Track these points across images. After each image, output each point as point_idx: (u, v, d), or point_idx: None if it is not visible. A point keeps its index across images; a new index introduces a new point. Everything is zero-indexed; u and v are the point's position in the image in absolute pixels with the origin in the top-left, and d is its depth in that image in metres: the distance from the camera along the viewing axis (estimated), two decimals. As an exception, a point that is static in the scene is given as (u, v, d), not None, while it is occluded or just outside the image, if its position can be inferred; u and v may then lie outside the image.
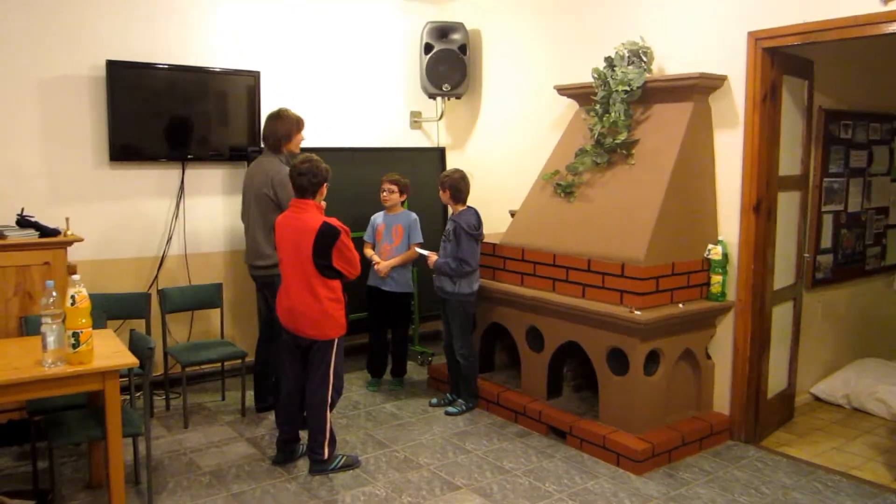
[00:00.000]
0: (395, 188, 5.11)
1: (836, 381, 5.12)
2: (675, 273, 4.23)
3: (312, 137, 5.24)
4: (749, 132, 4.26)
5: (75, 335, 3.17)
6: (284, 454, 4.06)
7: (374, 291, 5.16)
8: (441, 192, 4.74)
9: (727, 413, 4.42)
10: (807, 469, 4.06)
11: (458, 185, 4.70)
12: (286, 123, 4.53)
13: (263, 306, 4.71)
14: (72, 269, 4.36)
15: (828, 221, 5.12)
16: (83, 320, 3.18)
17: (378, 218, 5.23)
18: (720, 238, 4.38)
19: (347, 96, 5.94)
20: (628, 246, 4.17)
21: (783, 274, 4.53)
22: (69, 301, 3.14)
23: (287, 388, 4.00)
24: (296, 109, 4.75)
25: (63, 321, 3.18)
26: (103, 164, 4.90)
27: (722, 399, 4.44)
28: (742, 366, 4.36)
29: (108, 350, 3.40)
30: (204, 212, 5.30)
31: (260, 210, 4.49)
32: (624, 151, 4.49)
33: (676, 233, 4.25)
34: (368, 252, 5.16)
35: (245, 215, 4.67)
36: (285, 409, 4.02)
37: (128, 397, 3.93)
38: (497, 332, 5.05)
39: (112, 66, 4.78)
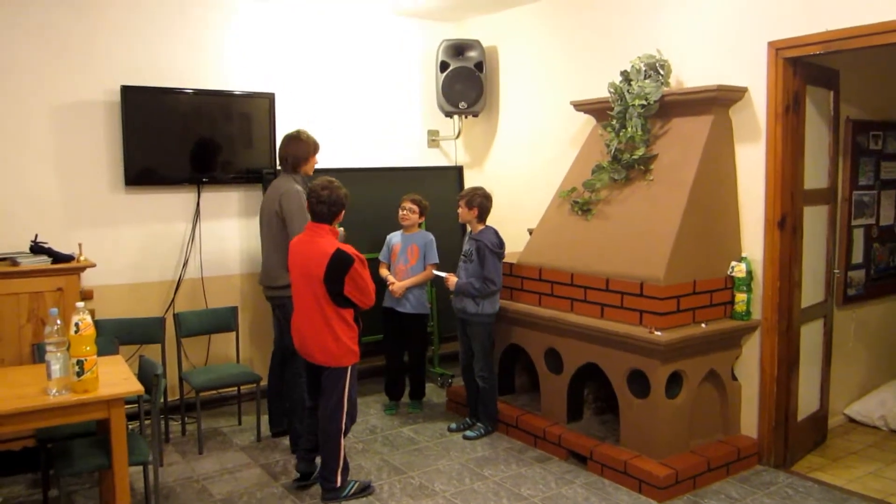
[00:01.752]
0: (416, 208, 5.09)
1: (871, 402, 4.94)
2: (697, 292, 4.15)
3: (328, 158, 5.23)
4: (772, 145, 4.17)
5: (79, 363, 3.14)
6: (306, 462, 4.03)
7: (390, 313, 5.13)
8: (465, 210, 4.72)
9: (755, 436, 4.31)
10: (841, 496, 3.89)
11: (486, 204, 4.71)
12: (304, 146, 4.55)
13: (276, 328, 4.70)
14: (86, 295, 4.36)
15: (859, 236, 4.96)
16: (87, 348, 3.15)
17: (394, 237, 5.21)
18: (744, 255, 4.29)
19: (363, 116, 5.94)
20: (648, 264, 4.11)
21: (812, 291, 4.41)
22: (73, 329, 3.11)
23: (310, 403, 4.00)
24: (311, 130, 4.77)
25: (68, 349, 3.15)
26: (119, 188, 4.93)
27: (749, 422, 4.33)
28: (770, 386, 4.25)
29: (116, 377, 3.37)
30: (220, 234, 5.31)
31: (271, 230, 4.49)
32: (642, 167, 4.45)
33: (698, 250, 4.18)
34: (383, 272, 5.14)
35: (261, 237, 4.66)
36: (311, 418, 4.00)
37: (138, 424, 3.89)
38: (516, 353, 4.99)
39: (127, 90, 4.81)
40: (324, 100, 5.72)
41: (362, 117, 5.93)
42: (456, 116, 6.11)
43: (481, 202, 4.69)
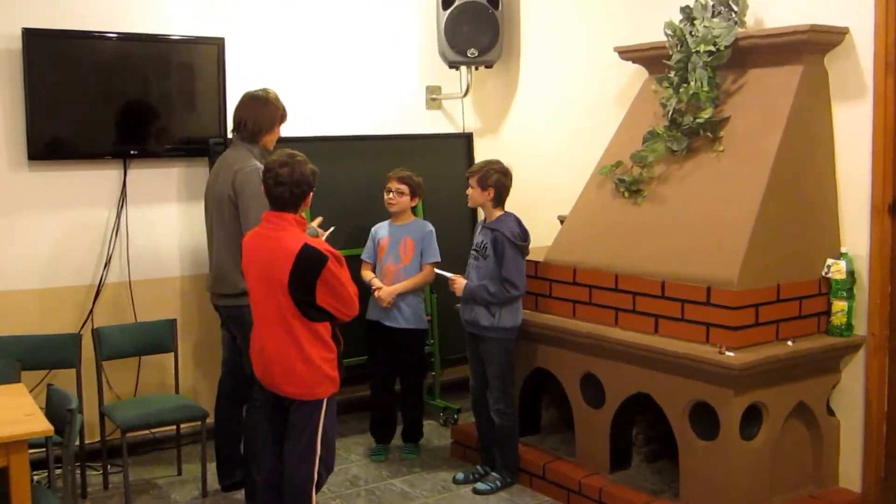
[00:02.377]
0: (404, 188, 5.10)
1: None
2: (782, 299, 4.15)
3: (293, 124, 5.21)
4: (881, 105, 4.16)
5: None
6: None
7: (377, 328, 5.13)
8: (478, 191, 4.71)
9: (858, 490, 4.32)
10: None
11: (505, 183, 4.71)
12: (271, 111, 4.58)
13: (228, 348, 4.70)
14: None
15: None
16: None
17: (380, 229, 5.20)
18: (843, 250, 4.29)
19: (340, 68, 5.93)
20: (716, 262, 4.11)
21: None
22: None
23: (266, 465, 3.98)
24: (272, 87, 4.76)
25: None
26: (19, 164, 4.93)
27: (851, 470, 4.34)
28: (878, 424, 4.25)
29: (16, 413, 3.39)
30: (153, 224, 5.30)
31: (222, 220, 4.49)
32: (709, 134, 4.44)
33: (782, 244, 4.18)
34: (367, 275, 5.15)
35: (208, 227, 4.69)
36: (264, 493, 3.98)
37: (46, 475, 3.90)
38: (542, 380, 4.99)
39: (29, 35, 4.81)
40: (288, 47, 5.72)
41: (339, 70, 5.91)
42: (463, 68, 6.09)
43: (498, 180, 4.69)
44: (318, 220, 4.60)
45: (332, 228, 4.61)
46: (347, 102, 5.95)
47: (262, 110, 4.54)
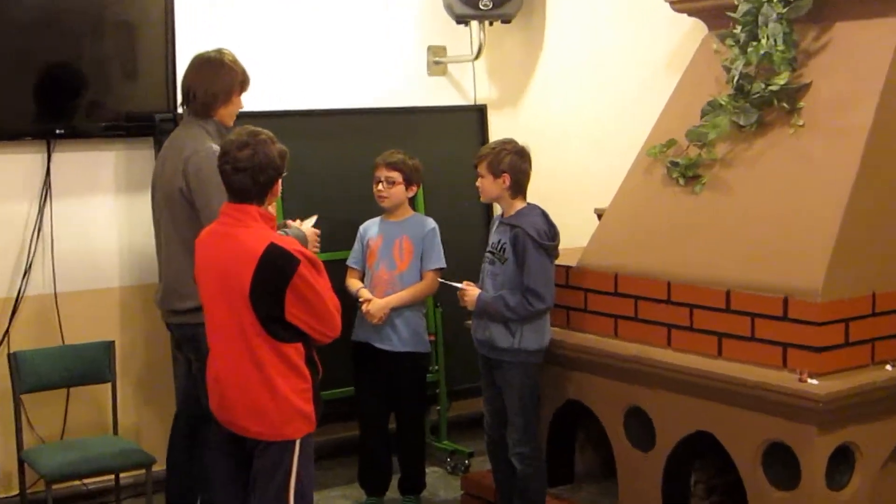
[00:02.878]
0: (395, 176, 5.10)
1: None
2: (878, 312, 4.13)
3: (261, 95, 5.20)
4: None
5: None
6: None
7: (366, 351, 5.15)
8: (490, 179, 4.70)
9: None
10: None
11: (521, 166, 4.70)
12: (227, 76, 4.59)
13: (184, 377, 4.70)
14: None
15: None
16: None
17: (371, 228, 5.21)
18: (956, 250, 4.24)
19: (320, 25, 5.93)
20: (795, 267, 4.10)
21: None
22: None
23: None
24: (236, 50, 4.75)
25: None
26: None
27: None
28: None
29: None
30: (85, 222, 5.31)
31: (175, 216, 4.51)
32: (785, 104, 4.43)
33: (878, 244, 4.18)
34: (354, 284, 5.16)
35: (156, 225, 4.70)
36: None
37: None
38: (576, 416, 4.98)
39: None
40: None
41: (317, 27, 5.92)
42: (474, 23, 6.10)
43: (513, 162, 4.67)
44: (312, 218, 4.59)
45: (315, 216, 4.57)
46: (328, 68, 5.95)
47: (216, 76, 4.54)
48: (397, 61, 6.17)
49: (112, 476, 4.99)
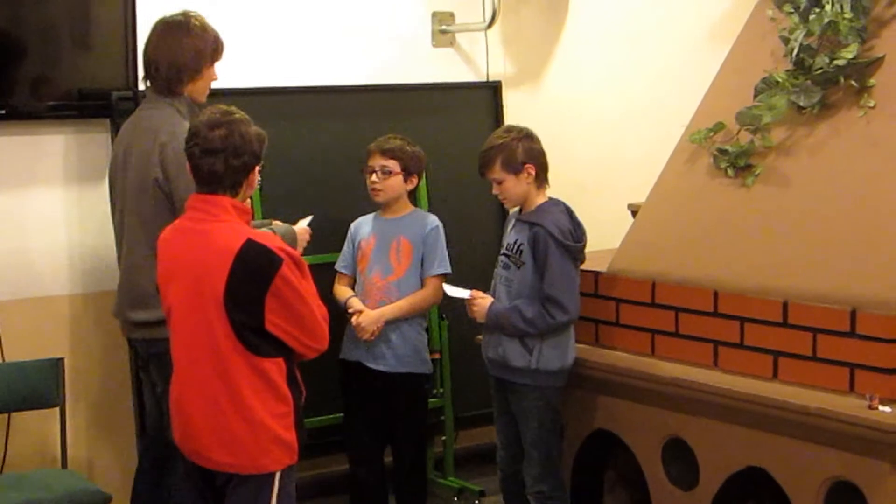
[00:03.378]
0: (392, 165, 5.10)
1: None
2: (964, 328, 4.13)
3: (238, 70, 5.21)
4: None
5: None
6: None
7: (358, 372, 5.15)
8: (510, 182, 4.70)
9: None
10: None
11: (541, 150, 4.73)
12: (195, 44, 4.59)
13: (151, 401, 4.70)
14: None
15: None
16: None
17: (363, 226, 5.24)
18: None
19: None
20: (864, 274, 4.11)
21: None
22: None
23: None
24: (210, 17, 4.77)
25: None
26: None
27: None
28: None
29: None
30: (27, 218, 5.32)
31: (141, 214, 4.52)
32: (853, 82, 4.44)
33: None
34: (343, 292, 5.18)
35: (117, 225, 4.70)
36: None
37: None
38: (605, 448, 4.99)
39: None
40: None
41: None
42: (488, -13, 6.14)
43: (529, 149, 4.69)
44: (307, 218, 4.62)
45: (310, 217, 4.59)
46: (314, 37, 5.95)
47: (180, 45, 4.54)
48: (396, 30, 6.16)
49: (59, 518, 5.01)
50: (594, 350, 4.83)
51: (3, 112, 5.13)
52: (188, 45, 4.55)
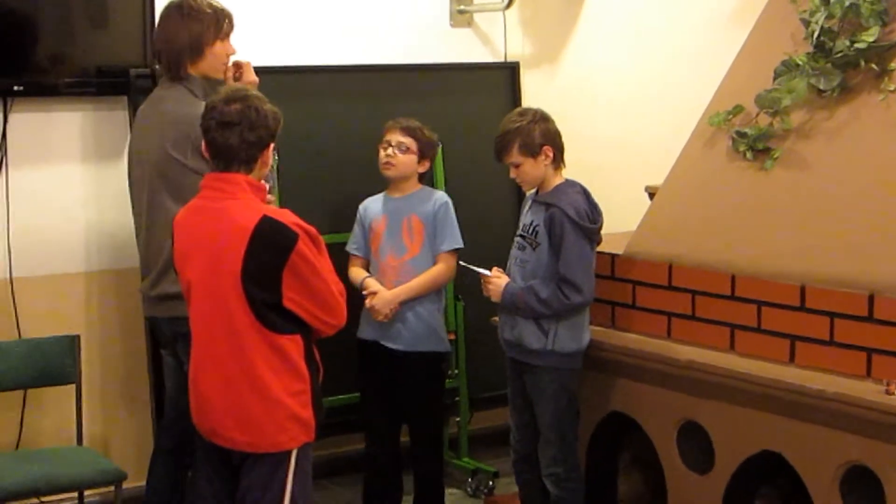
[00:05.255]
0: (409, 143, 5.10)
1: None
2: (982, 313, 4.12)
3: (251, 49, 5.19)
4: None
5: None
6: None
7: (373, 351, 5.16)
8: (528, 164, 4.69)
9: None
10: None
11: (557, 131, 4.73)
12: (191, 24, 4.58)
13: (174, 380, 4.70)
14: None
15: None
16: None
17: (372, 206, 5.24)
18: None
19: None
20: (882, 259, 4.09)
21: None
22: None
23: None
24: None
25: None
26: None
27: None
28: None
29: None
30: (47, 195, 5.33)
31: (165, 190, 4.51)
32: (874, 66, 4.42)
33: None
34: (358, 274, 5.18)
35: (137, 203, 4.71)
36: None
37: None
38: (620, 431, 4.99)
39: None
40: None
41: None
42: (506, -31, 6.14)
43: (547, 131, 4.68)
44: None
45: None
46: (330, 16, 5.97)
47: (176, 28, 4.55)
48: (414, 9, 6.17)
49: (75, 494, 5.00)
50: (610, 332, 4.83)
51: (21, 89, 5.15)
52: (183, 27, 4.54)
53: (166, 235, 4.45)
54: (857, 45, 4.38)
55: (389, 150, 5.09)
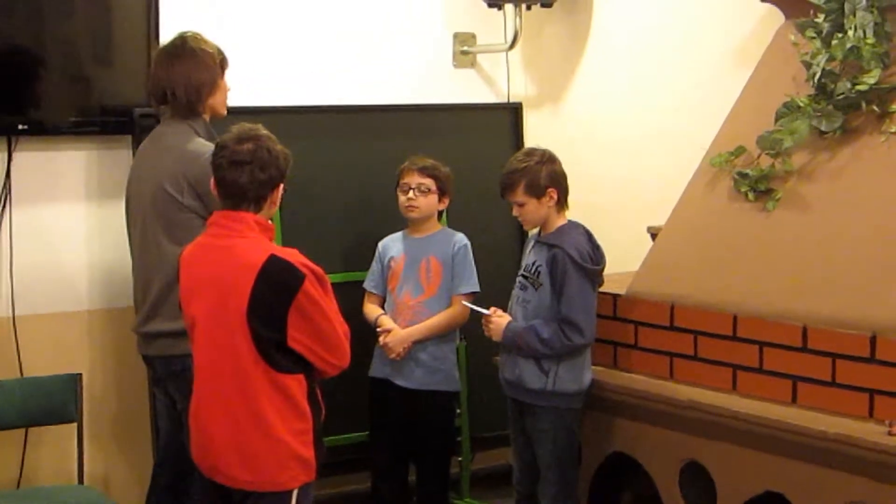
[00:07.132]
0: (429, 184, 5.11)
1: None
2: None
3: (258, 89, 5.21)
4: None
5: None
6: None
7: (385, 389, 5.15)
8: (531, 205, 4.70)
9: None
10: None
11: (563, 174, 4.74)
12: (205, 59, 4.62)
13: (167, 418, 4.70)
14: None
15: None
16: None
17: (392, 245, 5.24)
18: None
19: (329, 7, 5.96)
20: (884, 300, 4.09)
21: None
22: None
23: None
24: (222, 34, 4.83)
25: None
26: None
27: None
28: None
29: None
30: (49, 233, 5.33)
31: (158, 225, 4.52)
32: (875, 107, 4.42)
33: None
34: (373, 311, 5.18)
35: (135, 241, 4.71)
36: None
37: None
38: (622, 472, 4.96)
39: None
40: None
41: (325, 10, 5.95)
42: (509, 7, 6.13)
43: (553, 173, 4.69)
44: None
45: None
46: (336, 57, 5.97)
47: (191, 68, 4.56)
48: (418, 50, 6.19)
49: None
50: (611, 373, 4.82)
51: (25, 128, 5.16)
52: (196, 67, 4.57)
53: (157, 271, 4.49)
54: (858, 87, 4.38)
55: (410, 194, 5.09)
